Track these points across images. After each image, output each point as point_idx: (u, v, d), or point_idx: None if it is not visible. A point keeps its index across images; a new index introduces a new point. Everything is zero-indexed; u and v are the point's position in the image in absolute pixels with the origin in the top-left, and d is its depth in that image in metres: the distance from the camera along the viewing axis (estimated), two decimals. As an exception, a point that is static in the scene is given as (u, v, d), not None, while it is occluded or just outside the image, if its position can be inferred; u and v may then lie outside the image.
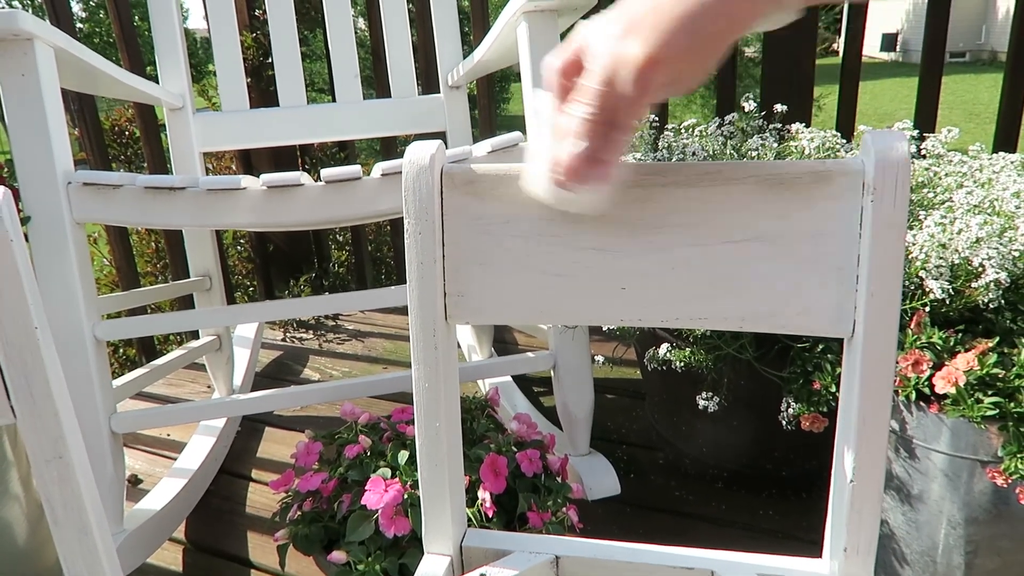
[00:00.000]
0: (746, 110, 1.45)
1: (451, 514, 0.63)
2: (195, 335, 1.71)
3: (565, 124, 0.44)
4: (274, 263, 2.34)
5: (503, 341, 1.96)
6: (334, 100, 1.59)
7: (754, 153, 1.25)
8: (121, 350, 2.25)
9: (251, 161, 2.19)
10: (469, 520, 0.83)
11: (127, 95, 1.40)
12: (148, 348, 1.98)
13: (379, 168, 1.01)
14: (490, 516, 0.82)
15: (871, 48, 19.61)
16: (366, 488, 0.83)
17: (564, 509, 0.90)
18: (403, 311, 2.21)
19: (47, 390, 0.50)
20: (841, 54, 1.73)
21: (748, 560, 0.61)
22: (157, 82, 1.45)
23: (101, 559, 0.54)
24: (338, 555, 0.80)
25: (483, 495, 0.83)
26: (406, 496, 0.81)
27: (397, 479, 0.84)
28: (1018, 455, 0.78)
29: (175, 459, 1.39)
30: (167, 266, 2.32)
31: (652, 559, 0.61)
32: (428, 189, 0.55)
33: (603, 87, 0.42)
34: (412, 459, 0.85)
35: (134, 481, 1.41)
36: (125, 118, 2.39)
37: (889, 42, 19.60)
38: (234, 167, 2.38)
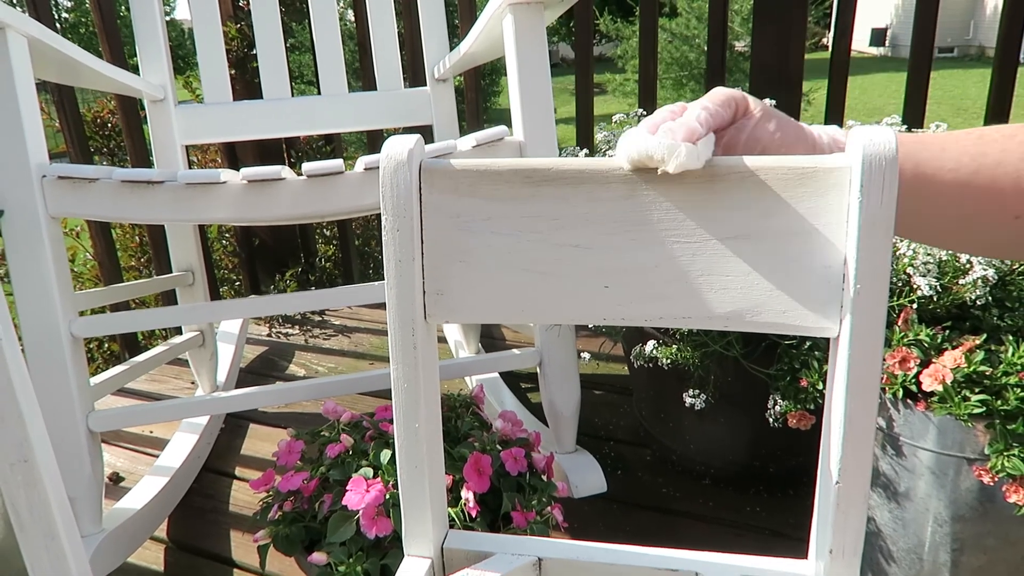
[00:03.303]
0: (734, 104, 1.44)
1: (432, 516, 0.62)
2: (179, 331, 1.69)
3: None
4: (260, 258, 2.32)
5: (491, 337, 1.95)
6: (320, 93, 1.57)
7: (742, 148, 1.24)
8: (106, 345, 2.22)
9: (236, 155, 2.16)
10: (452, 520, 0.82)
11: (107, 86, 1.37)
12: (131, 344, 1.96)
13: (362, 162, 0.99)
14: (474, 516, 0.81)
15: (860, 43, 19.66)
16: (347, 488, 0.81)
17: (549, 508, 0.89)
18: (390, 306, 2.18)
19: (10, 392, 0.48)
20: (830, 49, 1.72)
21: (732, 561, 0.60)
22: (139, 74, 1.42)
23: (69, 565, 0.53)
24: (318, 556, 0.79)
25: (466, 495, 0.82)
26: (388, 496, 0.80)
27: (379, 479, 0.83)
28: (1004, 453, 0.78)
29: (158, 456, 1.37)
30: (152, 261, 2.29)
31: (635, 560, 0.61)
32: (406, 185, 0.54)
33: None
34: (395, 458, 0.84)
35: (116, 479, 1.40)
36: (108, 110, 2.36)
37: (878, 37, 19.65)
38: (219, 160, 2.35)
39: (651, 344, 1.11)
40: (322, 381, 1.17)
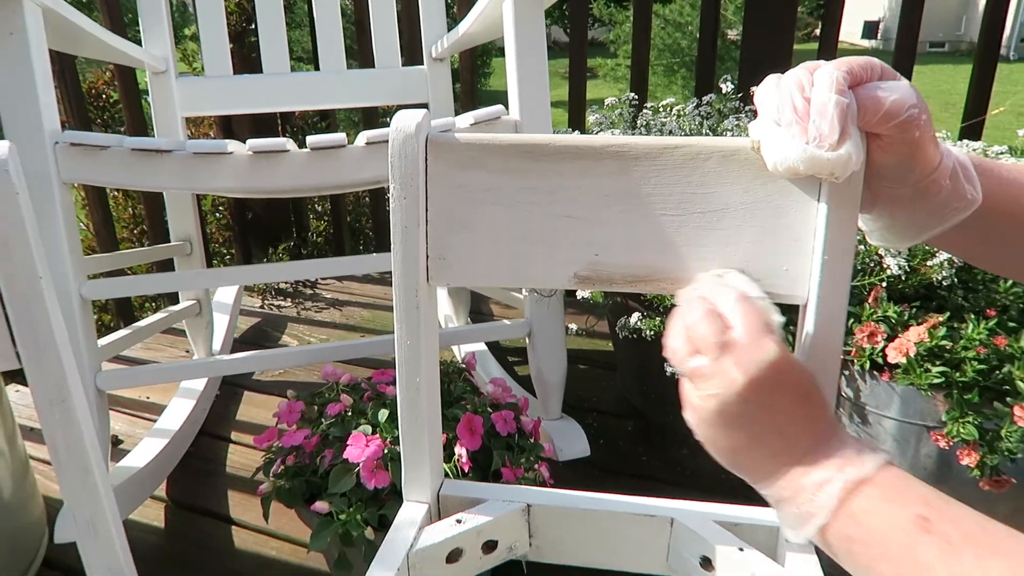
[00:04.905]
0: (723, 91, 1.49)
1: (429, 465, 0.67)
2: (174, 300, 1.72)
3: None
4: (253, 232, 2.35)
5: (479, 312, 2.00)
6: (315, 68, 1.60)
7: (729, 133, 1.29)
8: (98, 316, 2.25)
9: (232, 128, 2.19)
10: (447, 474, 0.87)
11: (110, 57, 1.40)
12: (126, 313, 1.99)
13: (363, 136, 1.03)
14: (466, 471, 0.86)
15: (852, 35, 19.72)
16: (348, 443, 0.86)
17: (536, 466, 0.94)
18: (380, 281, 2.23)
19: (51, 336, 0.52)
20: (819, 38, 1.77)
21: (706, 509, 0.66)
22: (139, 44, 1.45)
23: (102, 498, 0.57)
24: (321, 505, 0.84)
25: (460, 451, 0.87)
26: (386, 451, 0.85)
27: (377, 435, 0.88)
28: (960, 420, 0.84)
29: (155, 421, 1.41)
30: (144, 232, 2.32)
31: (616, 507, 0.66)
32: (413, 156, 0.58)
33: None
34: (392, 417, 0.89)
35: (114, 442, 1.43)
36: (103, 81, 2.37)
37: (870, 29, 19.74)
38: (213, 134, 2.37)
39: (635, 316, 1.16)
40: (319, 347, 1.21)
